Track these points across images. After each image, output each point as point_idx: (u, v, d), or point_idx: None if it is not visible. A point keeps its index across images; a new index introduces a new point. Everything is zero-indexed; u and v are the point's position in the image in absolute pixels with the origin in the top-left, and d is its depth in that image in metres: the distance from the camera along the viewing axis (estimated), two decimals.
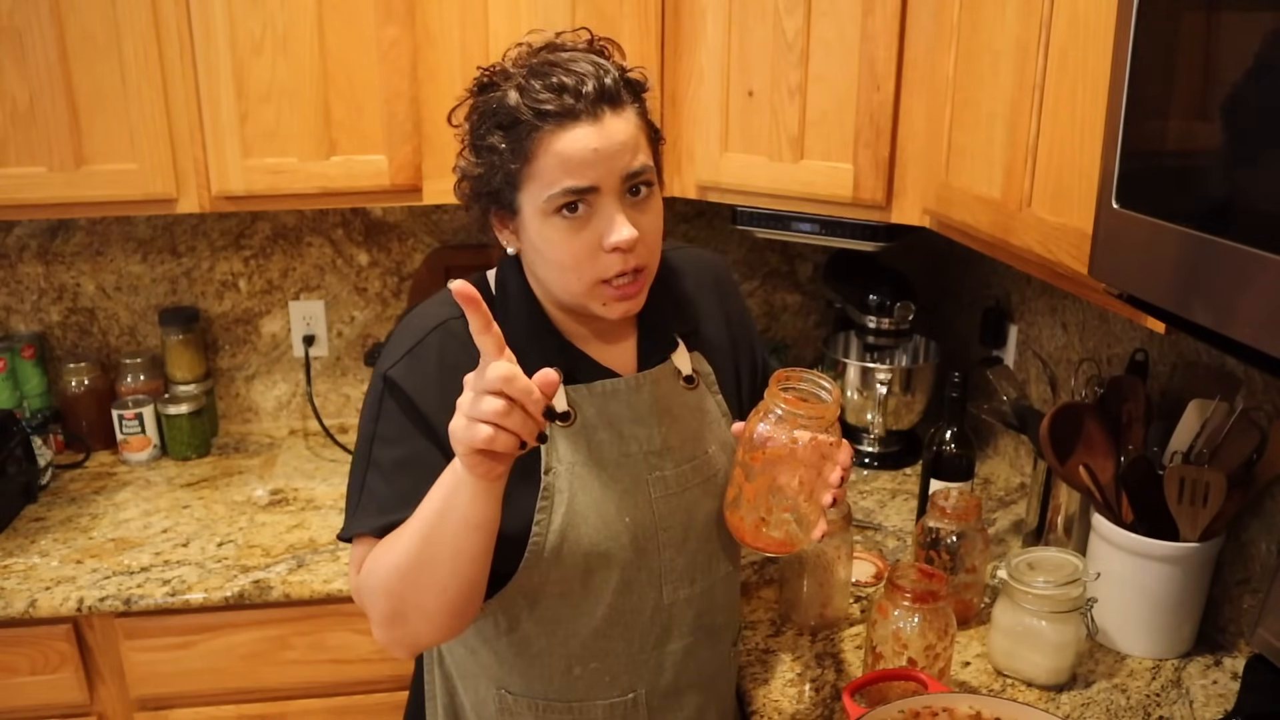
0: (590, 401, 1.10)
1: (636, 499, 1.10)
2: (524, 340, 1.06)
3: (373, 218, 2.15)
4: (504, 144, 1.00)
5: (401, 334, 1.10)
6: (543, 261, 1.05)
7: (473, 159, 1.05)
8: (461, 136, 1.08)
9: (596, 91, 0.98)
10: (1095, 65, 1.08)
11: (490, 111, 1.02)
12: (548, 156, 0.98)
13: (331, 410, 2.24)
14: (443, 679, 1.21)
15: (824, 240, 1.70)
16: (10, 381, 2.04)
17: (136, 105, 1.67)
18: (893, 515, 1.84)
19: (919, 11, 1.50)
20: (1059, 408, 1.45)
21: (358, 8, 1.67)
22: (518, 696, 1.14)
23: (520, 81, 1.00)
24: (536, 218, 1.02)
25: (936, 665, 1.27)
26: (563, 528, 1.07)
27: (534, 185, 1.00)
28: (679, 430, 1.14)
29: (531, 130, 0.98)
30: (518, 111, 0.98)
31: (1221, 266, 0.82)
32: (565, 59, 1.01)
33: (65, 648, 1.62)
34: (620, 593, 1.11)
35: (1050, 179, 1.20)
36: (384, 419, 1.06)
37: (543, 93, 0.98)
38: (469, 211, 1.09)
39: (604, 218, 1.00)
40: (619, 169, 1.00)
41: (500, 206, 1.05)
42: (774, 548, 1.08)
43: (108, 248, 2.09)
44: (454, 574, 0.97)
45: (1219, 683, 1.35)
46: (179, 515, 1.85)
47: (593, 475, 1.08)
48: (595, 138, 0.98)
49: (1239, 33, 0.81)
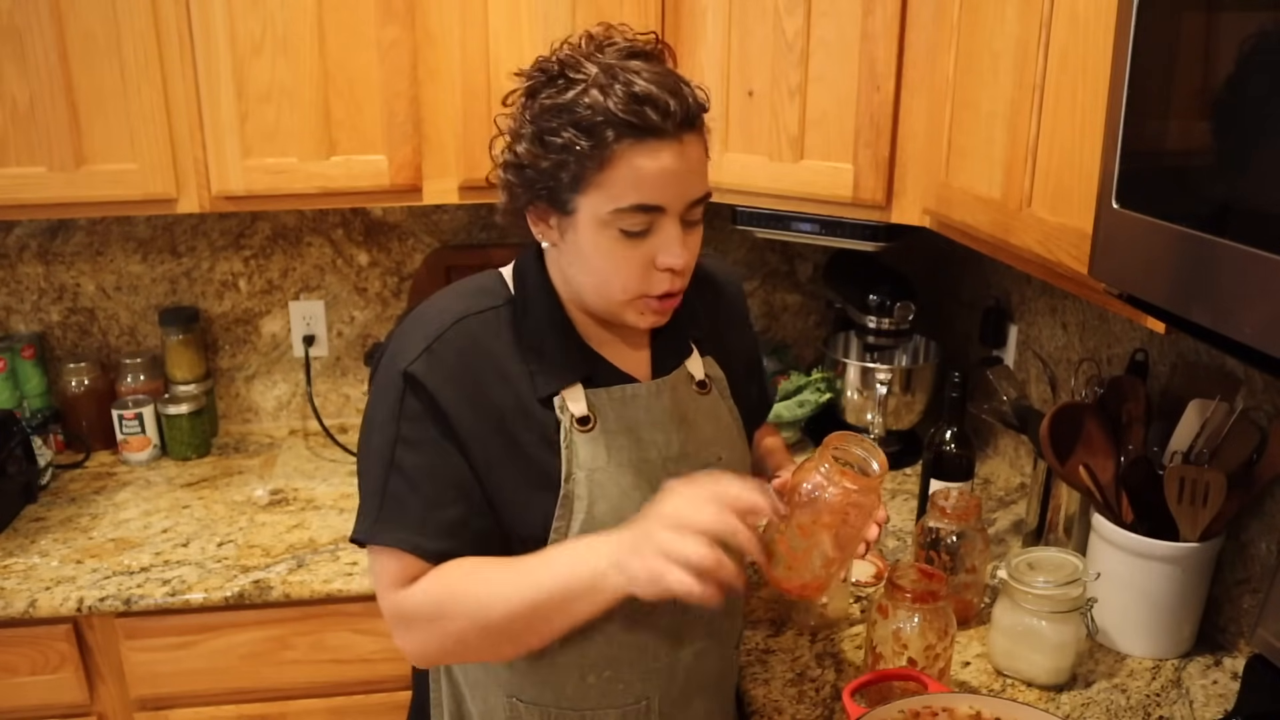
0: (610, 406, 1.09)
1: None
2: (543, 340, 1.06)
3: (373, 218, 2.15)
4: (579, 144, 0.96)
5: (415, 328, 1.07)
6: (586, 267, 1.03)
7: (537, 150, 0.99)
8: (515, 123, 1.03)
9: (681, 113, 0.97)
10: (1095, 65, 1.08)
11: (565, 107, 0.97)
12: (624, 169, 0.96)
13: (331, 410, 2.24)
14: (449, 686, 1.20)
15: (824, 240, 1.70)
16: (10, 381, 2.04)
17: (136, 105, 1.67)
18: (893, 515, 1.84)
19: (919, 11, 1.50)
20: (1059, 408, 1.45)
21: (358, 8, 1.67)
22: (529, 705, 1.13)
23: (601, 82, 0.96)
24: (593, 224, 0.99)
25: (936, 665, 1.27)
26: (580, 534, 1.05)
27: (601, 193, 0.98)
28: (694, 436, 1.13)
29: (615, 139, 0.95)
30: (602, 116, 0.95)
31: (1221, 266, 0.82)
32: (645, 69, 0.98)
33: (65, 648, 1.62)
34: (636, 600, 1.09)
35: (1050, 179, 1.20)
36: (406, 420, 1.03)
37: (629, 102, 0.95)
38: (507, 197, 1.06)
39: (662, 238, 1.00)
40: (687, 194, 1.00)
41: (551, 203, 1.01)
42: (797, 592, 1.07)
43: (108, 248, 2.09)
44: (545, 637, 0.99)
45: (1219, 683, 1.35)
46: (179, 515, 1.85)
47: (611, 481, 1.07)
48: (674, 159, 0.97)
49: (1239, 32, 0.81)
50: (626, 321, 1.06)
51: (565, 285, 1.08)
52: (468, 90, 1.73)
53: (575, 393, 1.07)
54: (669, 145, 0.97)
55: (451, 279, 2.14)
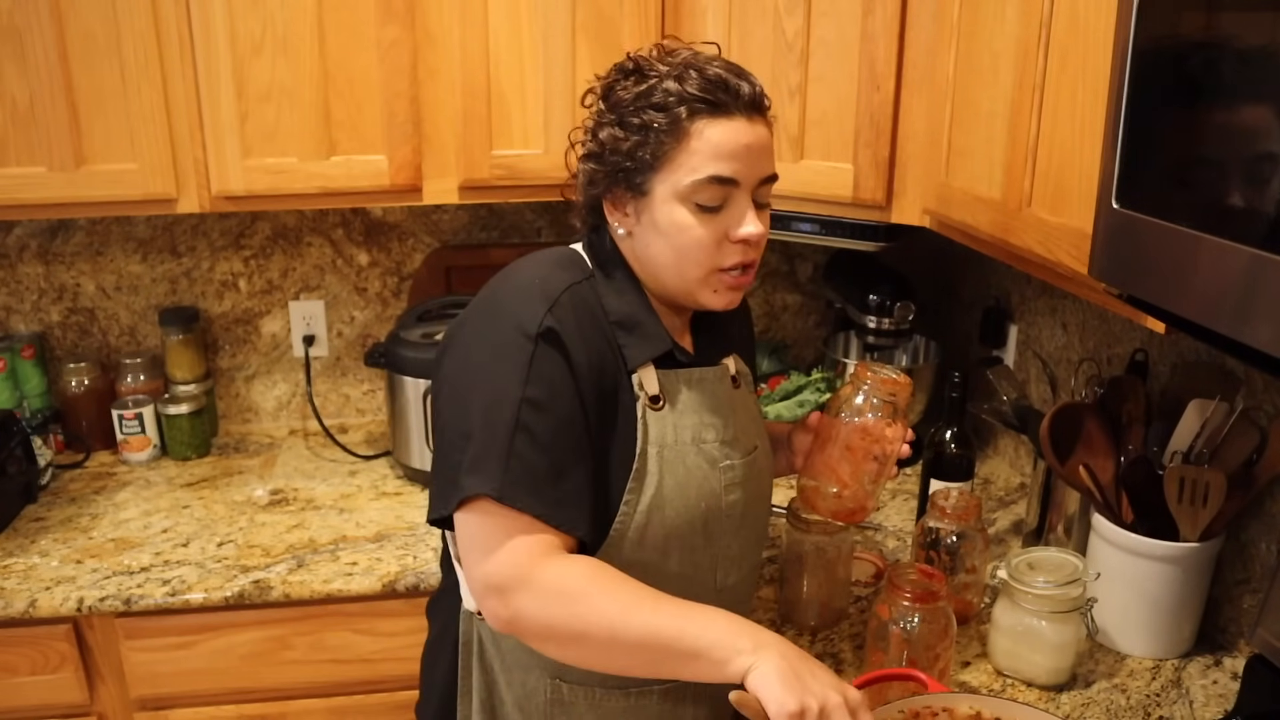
0: (679, 386, 1.14)
1: (711, 485, 1.14)
2: (631, 315, 1.11)
3: (373, 218, 2.15)
4: (658, 122, 1.04)
5: (523, 293, 1.07)
6: (664, 245, 1.08)
7: (618, 133, 1.07)
8: (593, 120, 1.11)
9: (750, 95, 1.06)
10: (1095, 65, 1.08)
11: (643, 93, 1.06)
12: (700, 141, 1.04)
13: (331, 410, 2.24)
14: (481, 673, 1.19)
15: (824, 240, 1.70)
16: (10, 381, 2.04)
17: (136, 105, 1.67)
18: (893, 515, 1.84)
19: (919, 11, 1.50)
20: (1059, 408, 1.45)
21: (358, 8, 1.67)
22: (574, 685, 1.15)
23: (676, 73, 1.05)
24: (669, 201, 1.06)
25: (936, 665, 1.27)
26: (649, 509, 1.10)
27: (677, 168, 1.05)
28: (739, 422, 1.19)
29: (691, 114, 1.04)
30: (677, 97, 1.04)
31: (1221, 266, 0.82)
32: (715, 59, 1.07)
33: (65, 648, 1.62)
34: (687, 576, 1.14)
35: (1050, 179, 1.20)
36: (535, 382, 1.02)
37: (703, 84, 1.04)
38: (589, 184, 1.11)
39: (736, 211, 1.07)
40: (759, 170, 1.08)
41: (628, 187, 1.08)
42: (847, 516, 1.27)
43: (108, 248, 2.09)
44: (644, 671, 1.01)
45: (1219, 683, 1.35)
46: (179, 515, 1.85)
47: (678, 459, 1.12)
48: (747, 134, 1.06)
49: (1239, 32, 0.81)
50: (700, 301, 1.12)
51: (641, 269, 1.13)
52: (468, 90, 1.73)
53: (649, 371, 1.11)
54: (741, 122, 1.05)
55: (451, 279, 2.16)
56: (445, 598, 1.24)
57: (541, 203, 2.14)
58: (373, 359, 1.93)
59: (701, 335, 1.22)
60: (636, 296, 1.13)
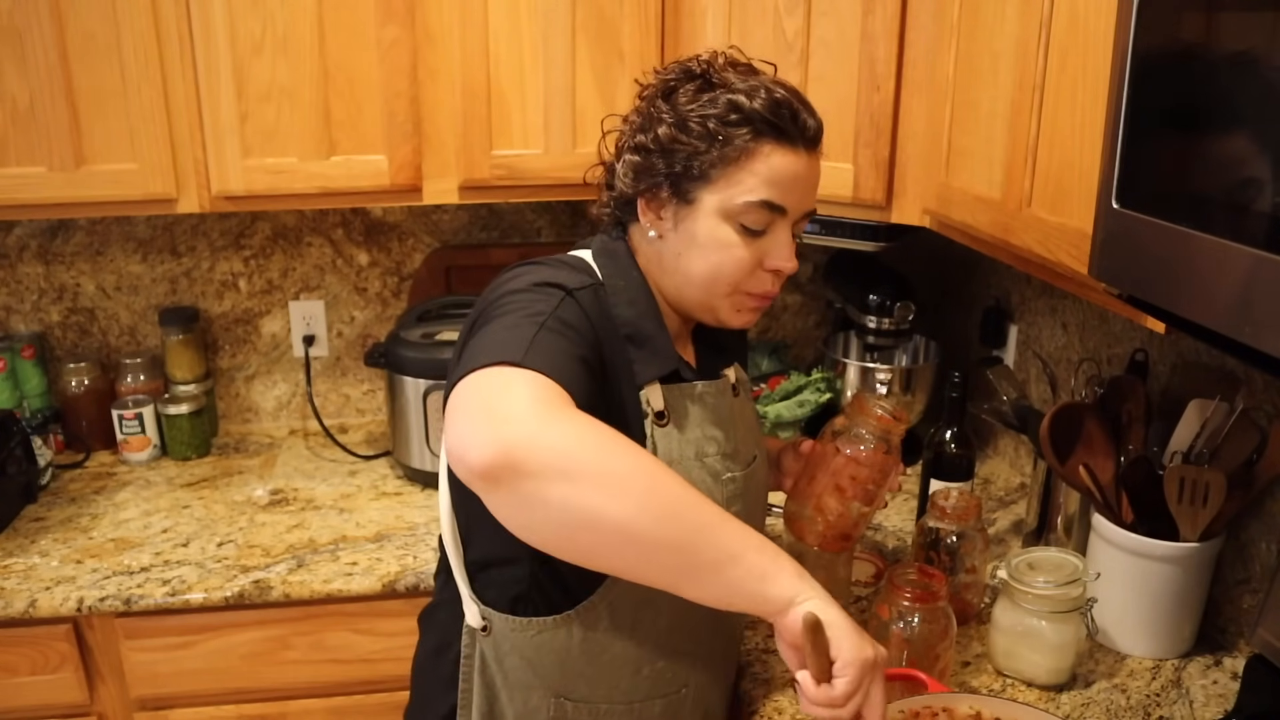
0: (684, 402, 1.12)
1: (713, 499, 1.06)
2: (641, 329, 1.09)
3: (373, 218, 2.15)
4: (723, 133, 1.03)
5: (543, 273, 1.04)
6: (698, 257, 1.07)
7: (678, 135, 1.04)
8: (644, 115, 1.09)
9: (814, 131, 1.07)
10: (1095, 65, 1.08)
11: (712, 100, 1.04)
12: (760, 164, 1.04)
13: (331, 410, 2.24)
14: (483, 688, 1.16)
15: (824, 240, 1.70)
16: (10, 381, 2.04)
17: (136, 105, 1.67)
18: (893, 515, 1.84)
19: (919, 11, 1.50)
20: (1059, 408, 1.45)
21: (358, 8, 1.67)
22: (578, 704, 1.14)
23: (745, 89, 1.04)
24: (713, 215, 1.05)
25: (937, 665, 1.27)
26: None
27: (731, 185, 1.04)
28: (738, 434, 1.18)
29: (757, 135, 1.03)
30: (747, 114, 1.03)
31: (1222, 266, 0.82)
32: (782, 85, 1.07)
33: (65, 648, 1.62)
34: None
35: (1050, 179, 1.20)
36: (565, 311, 0.99)
37: (773, 106, 1.03)
38: (631, 178, 1.09)
39: (776, 240, 1.08)
40: (806, 203, 1.09)
41: (674, 191, 1.06)
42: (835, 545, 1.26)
43: (108, 248, 2.09)
44: (660, 576, 0.89)
45: (1219, 683, 1.35)
46: (179, 515, 1.85)
47: (684, 475, 1.05)
48: (805, 167, 1.07)
49: (1239, 32, 0.81)
50: (720, 317, 1.12)
51: (661, 275, 1.12)
52: (468, 90, 1.73)
53: (654, 388, 1.10)
54: (802, 154, 1.06)
55: (451, 279, 2.16)
56: (442, 610, 1.22)
57: (541, 203, 2.14)
58: (373, 359, 1.93)
59: (702, 344, 1.22)
60: (647, 306, 1.11)
